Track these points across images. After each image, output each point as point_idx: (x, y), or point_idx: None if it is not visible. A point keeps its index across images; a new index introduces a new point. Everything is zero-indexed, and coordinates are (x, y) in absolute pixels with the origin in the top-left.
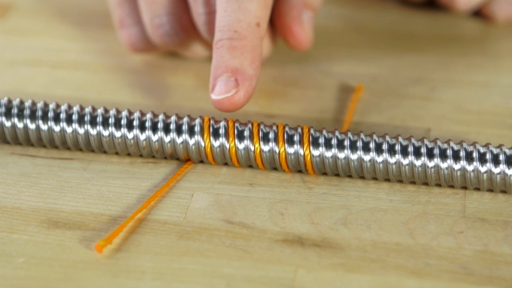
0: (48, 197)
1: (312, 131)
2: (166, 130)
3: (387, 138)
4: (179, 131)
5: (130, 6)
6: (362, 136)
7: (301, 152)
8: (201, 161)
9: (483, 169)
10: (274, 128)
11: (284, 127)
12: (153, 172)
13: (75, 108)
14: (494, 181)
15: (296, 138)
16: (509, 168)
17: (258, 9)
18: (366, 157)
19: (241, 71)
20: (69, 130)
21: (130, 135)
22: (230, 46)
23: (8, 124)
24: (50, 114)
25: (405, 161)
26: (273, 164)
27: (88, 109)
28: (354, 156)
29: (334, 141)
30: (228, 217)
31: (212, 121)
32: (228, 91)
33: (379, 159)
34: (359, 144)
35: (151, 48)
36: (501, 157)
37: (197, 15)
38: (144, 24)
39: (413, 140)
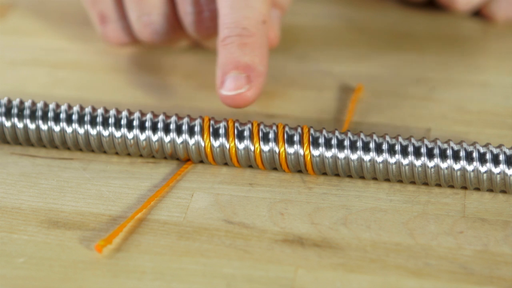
0: (48, 197)
1: (312, 131)
2: (166, 130)
3: (387, 138)
4: (179, 131)
5: (112, 1)
6: (362, 136)
7: (301, 152)
8: (201, 161)
9: (483, 169)
10: (274, 128)
11: (284, 127)
12: (153, 172)
13: (75, 108)
14: (494, 181)
15: (296, 138)
16: (509, 168)
17: (263, 7)
18: (366, 157)
19: (253, 67)
20: (69, 130)
21: (130, 135)
22: (240, 43)
23: (8, 124)
24: (50, 114)
25: (405, 161)
26: (273, 164)
27: (88, 109)
28: (354, 156)
29: (334, 141)
30: (228, 217)
31: (212, 121)
32: (239, 87)
33: (379, 159)
34: (359, 144)
35: (136, 43)
36: (501, 157)
37: (185, 14)
38: (129, 21)
39: (413, 140)
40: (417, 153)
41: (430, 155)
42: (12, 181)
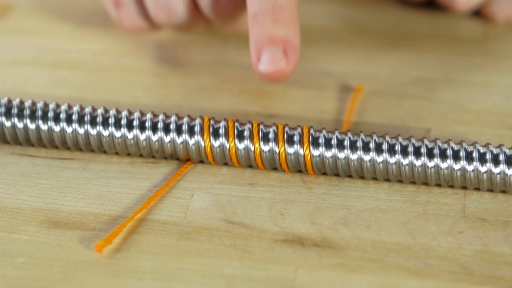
0: (48, 197)
1: (312, 131)
2: (166, 130)
3: (387, 138)
4: (179, 131)
5: None
6: (362, 136)
7: (301, 152)
8: (201, 161)
9: (483, 169)
10: (274, 128)
11: (284, 127)
12: (153, 172)
13: (75, 108)
14: (494, 181)
15: (296, 138)
16: (509, 168)
17: None
18: (366, 157)
19: (288, 41)
20: (69, 130)
21: (130, 135)
22: (273, 18)
23: (8, 124)
24: (50, 114)
25: (405, 161)
26: (273, 164)
27: (88, 109)
28: (354, 156)
29: (334, 141)
30: (228, 217)
31: (212, 121)
32: (276, 61)
33: (379, 159)
34: (359, 144)
35: (151, 28)
36: (501, 157)
37: None
38: (145, 4)
39: (413, 140)
40: (417, 153)
41: (430, 155)
42: (12, 181)
